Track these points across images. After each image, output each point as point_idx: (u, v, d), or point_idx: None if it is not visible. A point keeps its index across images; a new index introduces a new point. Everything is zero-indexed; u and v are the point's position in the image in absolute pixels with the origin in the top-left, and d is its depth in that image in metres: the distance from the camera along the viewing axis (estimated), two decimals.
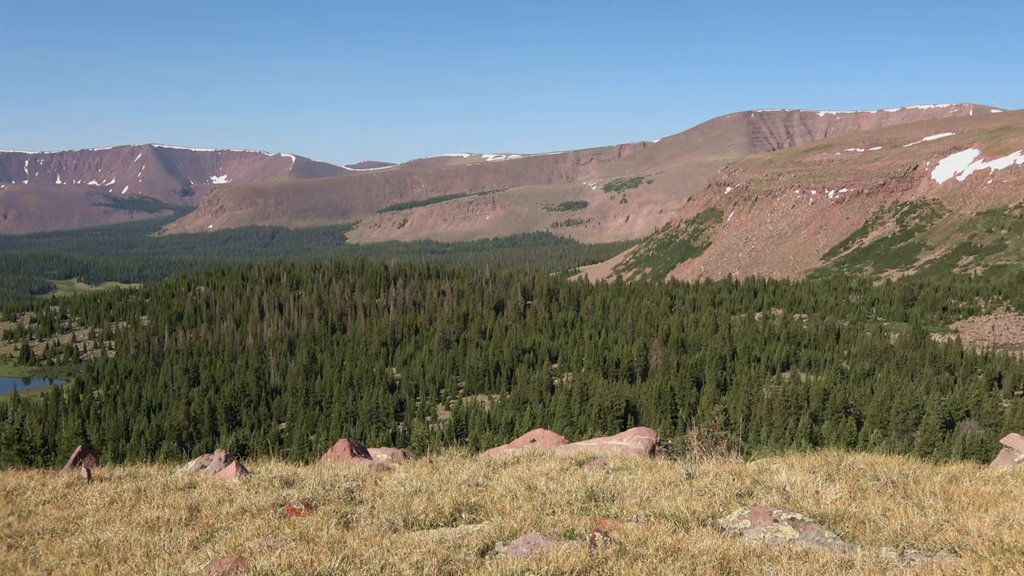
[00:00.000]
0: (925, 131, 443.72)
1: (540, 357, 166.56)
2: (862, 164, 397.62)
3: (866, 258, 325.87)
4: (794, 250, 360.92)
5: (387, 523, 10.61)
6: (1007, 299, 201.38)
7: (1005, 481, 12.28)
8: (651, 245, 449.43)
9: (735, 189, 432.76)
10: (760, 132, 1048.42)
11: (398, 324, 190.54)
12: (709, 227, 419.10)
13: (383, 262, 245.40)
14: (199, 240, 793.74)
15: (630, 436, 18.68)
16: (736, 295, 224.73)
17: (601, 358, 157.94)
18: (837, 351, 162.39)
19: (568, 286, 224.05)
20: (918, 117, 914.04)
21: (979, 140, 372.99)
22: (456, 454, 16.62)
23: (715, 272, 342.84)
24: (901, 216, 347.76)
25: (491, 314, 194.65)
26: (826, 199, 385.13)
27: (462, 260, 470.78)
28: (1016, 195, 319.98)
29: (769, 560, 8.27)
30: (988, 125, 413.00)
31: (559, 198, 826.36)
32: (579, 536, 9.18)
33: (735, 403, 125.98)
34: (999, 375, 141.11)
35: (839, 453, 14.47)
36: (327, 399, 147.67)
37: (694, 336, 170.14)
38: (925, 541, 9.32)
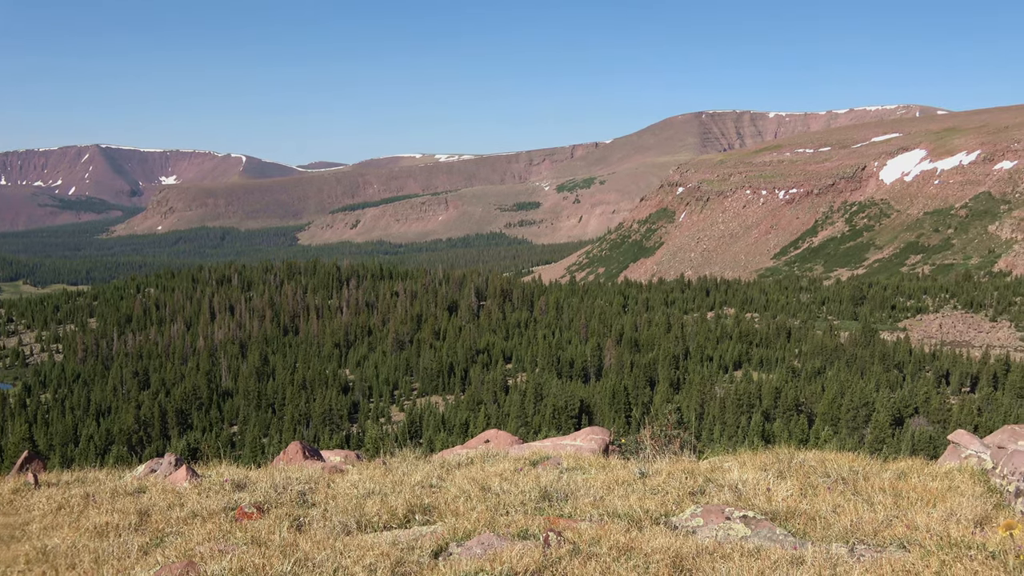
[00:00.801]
0: (873, 132, 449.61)
1: (494, 358, 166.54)
2: (812, 165, 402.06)
3: (816, 257, 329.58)
4: (745, 250, 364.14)
5: (340, 526, 10.54)
6: (954, 297, 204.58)
7: (952, 477, 12.46)
8: (604, 245, 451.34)
9: (687, 189, 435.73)
10: (711, 133, 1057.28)
11: (351, 325, 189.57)
12: (661, 227, 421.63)
13: (336, 263, 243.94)
14: (148, 242, 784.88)
15: (584, 436, 18.72)
16: (689, 295, 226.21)
17: (555, 358, 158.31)
18: (788, 350, 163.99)
19: (522, 286, 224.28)
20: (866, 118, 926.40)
21: (926, 141, 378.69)
22: (410, 455, 16.53)
23: (668, 272, 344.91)
24: (850, 216, 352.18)
25: (445, 315, 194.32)
26: (776, 199, 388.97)
27: (415, 261, 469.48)
28: (962, 195, 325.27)
29: (721, 558, 8.32)
30: (934, 126, 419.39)
31: (512, 198, 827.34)
32: (533, 536, 9.18)
33: (688, 402, 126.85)
34: (947, 372, 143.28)
35: (790, 451, 14.60)
36: (280, 401, 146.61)
37: (647, 336, 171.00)
38: (874, 537, 9.43)
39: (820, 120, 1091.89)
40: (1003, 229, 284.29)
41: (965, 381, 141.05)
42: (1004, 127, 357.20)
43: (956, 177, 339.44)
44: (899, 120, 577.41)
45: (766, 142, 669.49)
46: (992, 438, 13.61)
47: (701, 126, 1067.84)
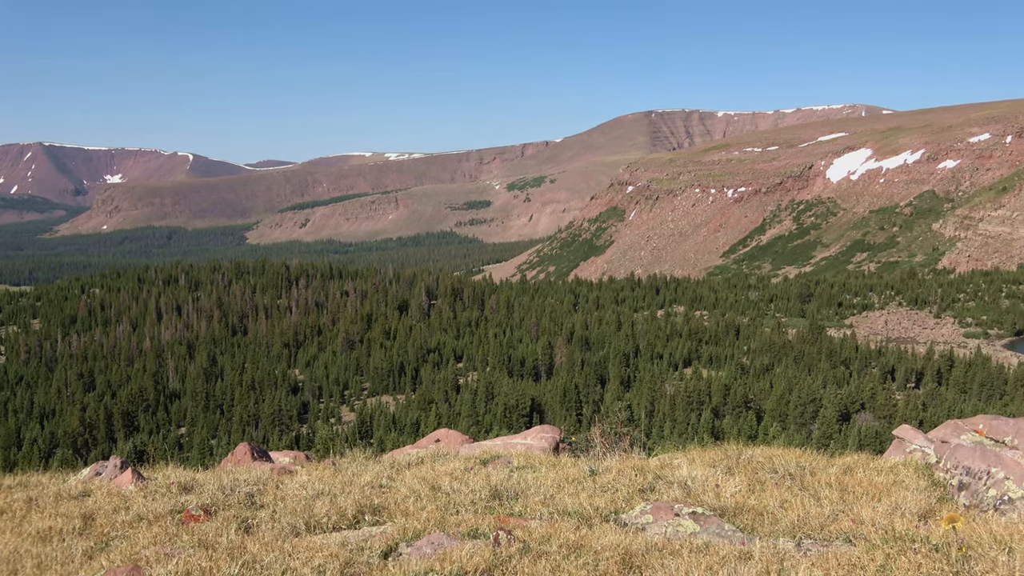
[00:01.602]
0: (820, 131, 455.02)
1: (445, 357, 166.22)
2: (760, 164, 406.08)
3: (764, 255, 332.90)
4: (695, 248, 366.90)
5: (289, 527, 10.45)
6: (899, 294, 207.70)
7: (897, 471, 12.62)
8: (555, 244, 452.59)
9: (637, 188, 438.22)
10: (661, 132, 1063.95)
11: (300, 325, 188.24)
12: (612, 226, 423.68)
13: (284, 262, 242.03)
14: (93, 241, 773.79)
15: (534, 434, 18.74)
16: (639, 293, 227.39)
17: (506, 357, 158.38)
18: (737, 347, 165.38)
19: (472, 285, 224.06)
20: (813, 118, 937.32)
21: (871, 140, 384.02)
22: (360, 456, 16.47)
23: (618, 270, 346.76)
24: (798, 214, 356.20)
25: (395, 314, 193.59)
26: (725, 198, 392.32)
27: (365, 260, 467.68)
28: (906, 193, 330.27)
29: (670, 554, 8.36)
30: (879, 126, 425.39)
31: (463, 197, 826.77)
32: (483, 535, 9.17)
33: (639, 399, 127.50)
34: (892, 368, 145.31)
35: (739, 447, 14.72)
36: (228, 402, 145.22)
37: (598, 334, 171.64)
38: (821, 531, 9.53)
39: (768, 119, 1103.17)
40: (947, 227, 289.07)
41: (910, 377, 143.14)
42: (947, 127, 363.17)
43: (901, 176, 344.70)
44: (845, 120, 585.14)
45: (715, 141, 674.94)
46: (936, 433, 13.82)
47: (650, 125, 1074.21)
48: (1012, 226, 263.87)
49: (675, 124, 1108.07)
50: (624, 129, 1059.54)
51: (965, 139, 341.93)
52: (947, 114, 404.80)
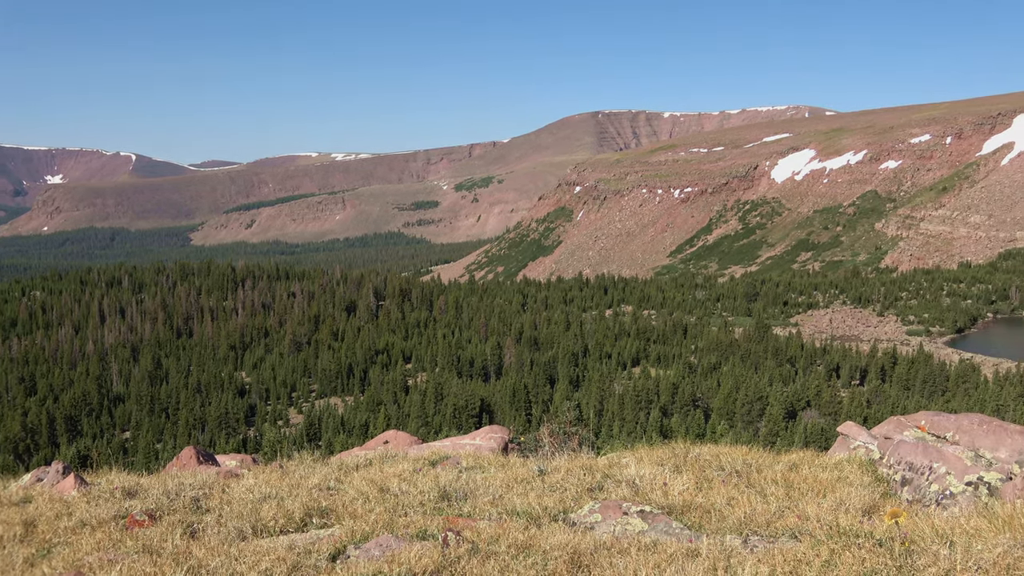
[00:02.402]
0: (764, 132, 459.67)
1: (394, 358, 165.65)
2: (706, 164, 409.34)
3: (711, 255, 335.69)
4: (642, 248, 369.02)
5: (235, 531, 10.35)
6: (843, 293, 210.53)
7: (842, 468, 12.78)
8: (503, 244, 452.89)
9: (584, 188, 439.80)
10: (608, 132, 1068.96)
11: (247, 327, 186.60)
12: (560, 226, 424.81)
13: (230, 264, 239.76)
14: (33, 243, 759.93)
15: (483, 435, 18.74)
16: (587, 292, 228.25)
17: (455, 357, 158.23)
18: (685, 346, 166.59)
19: (421, 286, 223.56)
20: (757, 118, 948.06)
21: (815, 141, 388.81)
22: (307, 458, 16.34)
23: (566, 270, 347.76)
24: (743, 214, 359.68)
25: (343, 315, 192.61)
26: (672, 198, 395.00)
27: (312, 261, 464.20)
28: (850, 193, 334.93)
29: (619, 552, 8.39)
30: (823, 126, 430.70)
31: (410, 197, 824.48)
32: (432, 536, 9.13)
33: (588, 399, 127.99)
34: (837, 366, 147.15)
35: (686, 445, 14.82)
36: (174, 406, 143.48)
37: (547, 334, 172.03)
38: (767, 528, 9.61)
39: (714, 120, 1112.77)
40: (889, 226, 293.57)
41: (854, 374, 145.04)
42: (889, 127, 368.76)
43: (844, 176, 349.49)
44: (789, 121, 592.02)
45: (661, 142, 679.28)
46: (879, 429, 14.00)
47: (598, 125, 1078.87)
48: (952, 225, 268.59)
49: (622, 125, 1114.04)
50: (571, 129, 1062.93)
51: (906, 140, 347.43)
52: (888, 115, 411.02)
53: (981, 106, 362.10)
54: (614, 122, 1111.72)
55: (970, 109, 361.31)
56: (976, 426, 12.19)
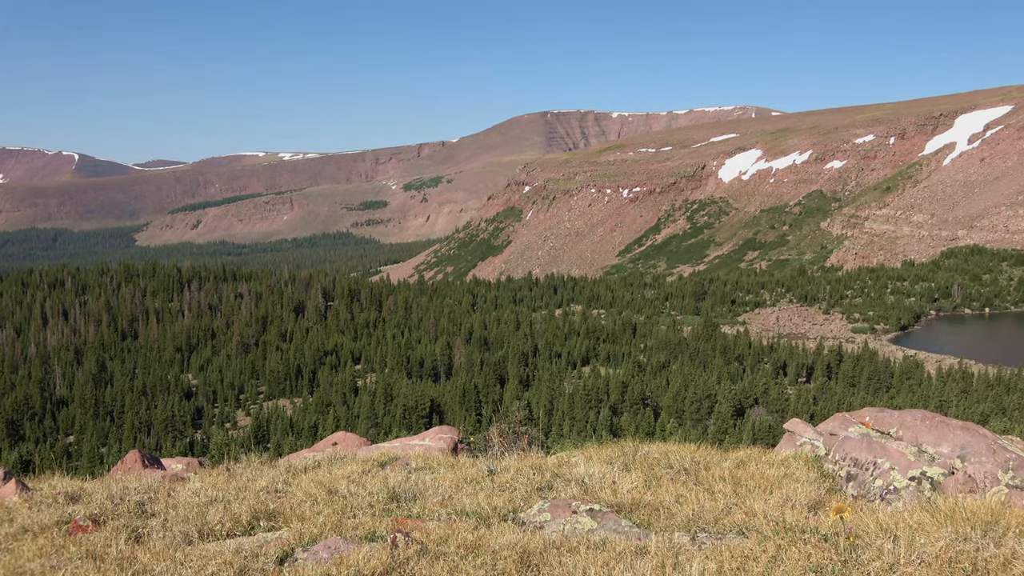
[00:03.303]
0: (712, 132, 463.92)
1: (343, 359, 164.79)
2: (654, 164, 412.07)
3: (659, 254, 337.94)
4: (591, 247, 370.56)
5: (181, 535, 10.22)
6: (789, 291, 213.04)
7: (788, 464, 12.91)
8: (452, 244, 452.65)
9: (533, 188, 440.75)
10: (556, 132, 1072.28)
11: (193, 329, 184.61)
12: (509, 226, 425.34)
13: (176, 265, 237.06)
14: None
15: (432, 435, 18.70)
16: (537, 292, 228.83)
17: (405, 358, 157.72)
18: (634, 345, 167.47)
19: (370, 286, 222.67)
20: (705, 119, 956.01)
21: (761, 141, 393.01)
22: (255, 461, 16.19)
23: (516, 270, 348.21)
24: (691, 214, 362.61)
25: (291, 316, 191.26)
26: (621, 198, 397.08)
27: (260, 261, 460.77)
28: (796, 193, 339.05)
29: (568, 551, 8.40)
30: (769, 127, 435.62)
31: (359, 197, 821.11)
32: (380, 538, 9.08)
33: (538, 398, 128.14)
34: (784, 364, 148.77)
35: (635, 444, 14.88)
36: (119, 409, 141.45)
37: (496, 334, 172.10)
38: (715, 524, 9.69)
39: (662, 120, 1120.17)
40: (834, 226, 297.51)
41: (801, 371, 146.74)
42: (834, 128, 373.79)
43: (790, 176, 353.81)
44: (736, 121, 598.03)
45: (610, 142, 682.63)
46: (825, 425, 14.16)
47: (546, 125, 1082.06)
48: (896, 224, 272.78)
49: (571, 125, 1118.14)
50: (520, 129, 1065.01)
51: (851, 140, 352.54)
52: (833, 116, 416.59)
53: (924, 107, 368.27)
54: (563, 122, 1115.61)
55: (913, 110, 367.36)
56: (919, 422, 12.37)
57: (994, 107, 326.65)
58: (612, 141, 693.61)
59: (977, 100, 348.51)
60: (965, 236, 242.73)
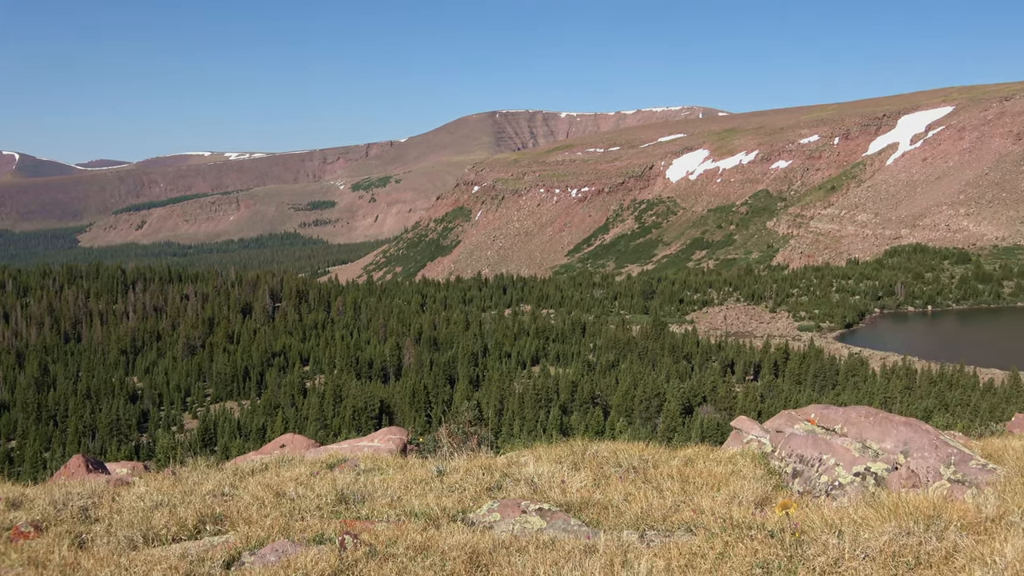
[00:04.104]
0: (659, 132, 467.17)
1: (291, 360, 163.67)
2: (602, 164, 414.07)
3: (608, 254, 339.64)
4: (540, 247, 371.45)
5: (126, 540, 10.08)
6: (736, 290, 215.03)
7: (735, 461, 13.02)
8: (401, 244, 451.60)
9: (482, 188, 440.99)
10: (505, 132, 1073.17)
11: (138, 331, 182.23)
12: (458, 226, 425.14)
13: (120, 266, 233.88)
14: None
15: (381, 436, 18.62)
16: (486, 292, 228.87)
17: (354, 359, 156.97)
18: (583, 344, 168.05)
19: (318, 287, 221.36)
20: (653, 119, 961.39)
21: (708, 141, 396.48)
22: (201, 464, 15.99)
23: (465, 270, 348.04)
24: (640, 214, 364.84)
25: (238, 317, 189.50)
26: (570, 198, 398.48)
27: (206, 262, 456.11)
28: (742, 193, 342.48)
29: (517, 551, 8.41)
30: (716, 127, 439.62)
31: (306, 197, 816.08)
32: (329, 540, 9.03)
33: (488, 398, 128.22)
34: (732, 362, 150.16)
35: (584, 443, 14.92)
36: (62, 413, 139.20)
37: (446, 334, 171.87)
38: (664, 522, 9.74)
39: (610, 121, 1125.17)
40: (780, 225, 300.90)
41: (749, 369, 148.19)
42: (779, 128, 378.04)
43: (737, 176, 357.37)
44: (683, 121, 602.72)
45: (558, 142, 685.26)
46: (771, 423, 14.30)
47: (495, 125, 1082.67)
48: (840, 224, 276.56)
49: (519, 125, 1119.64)
50: (469, 129, 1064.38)
51: (796, 140, 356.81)
52: (779, 116, 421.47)
53: (867, 108, 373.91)
54: (511, 122, 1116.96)
55: (857, 111, 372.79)
56: (863, 418, 12.54)
57: (936, 108, 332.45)
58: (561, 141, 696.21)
59: (919, 101, 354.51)
60: (908, 235, 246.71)
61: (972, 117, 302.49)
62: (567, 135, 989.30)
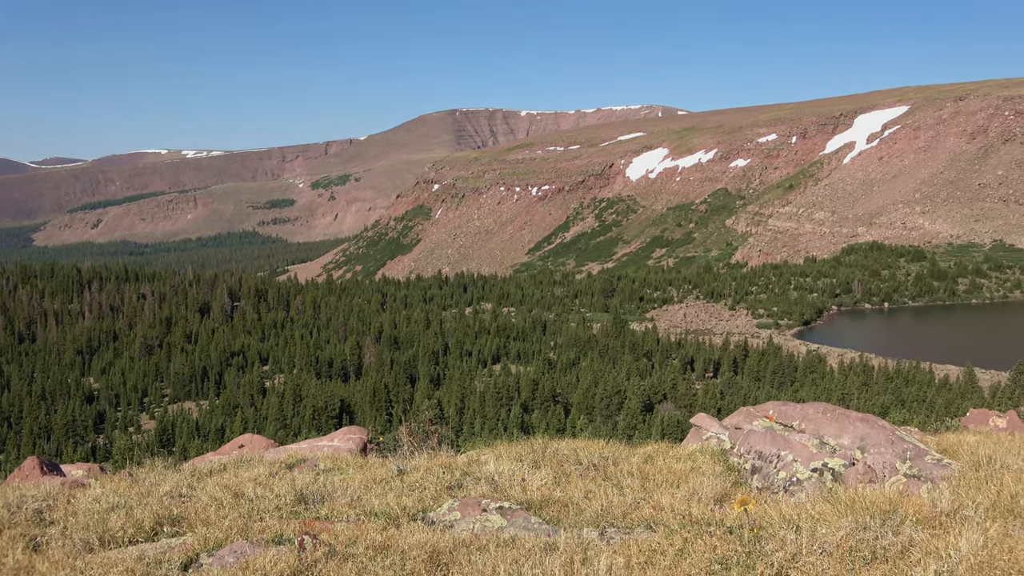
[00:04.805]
0: (619, 131, 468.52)
1: (250, 359, 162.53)
2: (562, 162, 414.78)
3: (569, 252, 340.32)
4: (501, 246, 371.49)
5: (81, 543, 9.96)
6: (696, 288, 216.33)
7: (695, 458, 13.09)
8: (361, 243, 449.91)
9: (442, 187, 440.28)
10: (465, 130, 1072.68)
11: (95, 331, 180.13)
12: (418, 224, 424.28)
13: (76, 265, 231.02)
14: None
15: (341, 436, 18.52)
16: (446, 291, 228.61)
17: (314, 358, 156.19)
18: (544, 342, 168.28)
19: (277, 286, 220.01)
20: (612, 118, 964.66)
21: (668, 140, 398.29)
22: (159, 465, 15.84)
23: (425, 268, 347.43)
24: (600, 212, 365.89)
25: (196, 317, 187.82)
26: (530, 196, 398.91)
27: (163, 261, 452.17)
28: (701, 191, 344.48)
29: (478, 549, 8.40)
30: (675, 126, 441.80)
31: (265, 196, 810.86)
32: (288, 541, 8.97)
33: (449, 397, 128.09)
34: (692, 359, 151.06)
35: (544, 441, 14.93)
36: (16, 414, 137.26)
37: (407, 332, 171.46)
38: (624, 519, 9.77)
39: (570, 119, 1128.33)
40: (739, 223, 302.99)
41: (708, 367, 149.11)
42: (738, 127, 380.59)
43: (696, 174, 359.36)
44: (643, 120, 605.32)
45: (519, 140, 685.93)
46: (730, 419, 14.39)
47: (455, 124, 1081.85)
48: (798, 222, 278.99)
49: (479, 123, 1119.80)
50: (429, 127, 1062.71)
51: (754, 139, 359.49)
52: (737, 115, 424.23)
53: (825, 107, 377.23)
54: (472, 120, 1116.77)
55: (814, 110, 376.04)
56: (820, 414, 12.66)
57: (892, 107, 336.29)
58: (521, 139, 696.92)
59: (876, 100, 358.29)
60: (865, 233, 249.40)
61: (927, 117, 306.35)
62: (527, 133, 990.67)
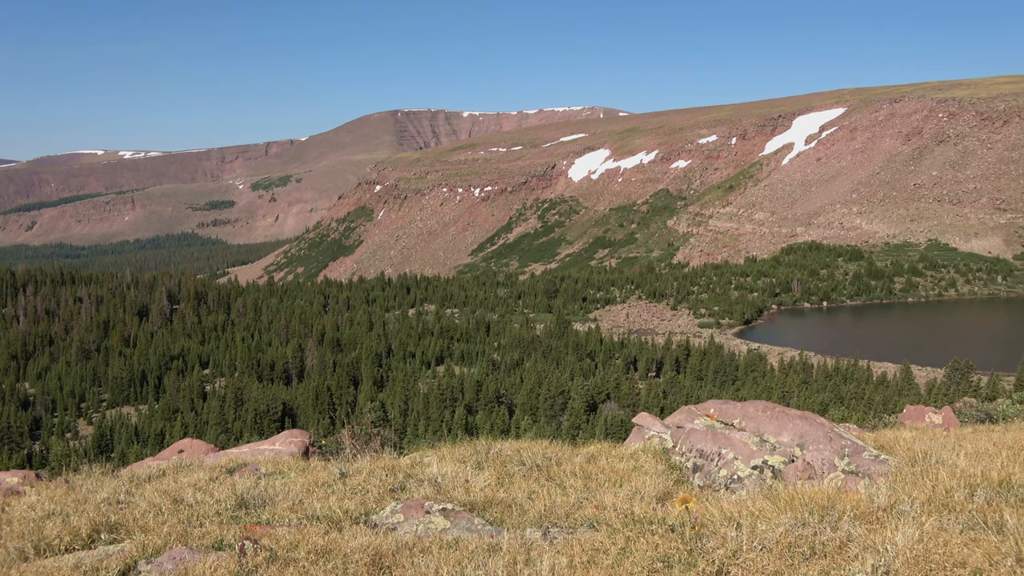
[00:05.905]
0: (561, 132, 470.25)
1: (190, 363, 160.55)
2: (505, 163, 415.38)
3: (512, 253, 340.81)
4: (444, 247, 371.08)
5: (16, 552, 9.76)
6: (639, 288, 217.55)
7: (637, 457, 13.18)
8: (302, 244, 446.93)
9: (385, 187, 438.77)
10: (407, 131, 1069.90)
11: (29, 335, 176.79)
12: (360, 225, 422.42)
13: (9, 268, 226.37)
14: None
15: (283, 439, 18.37)
16: (389, 292, 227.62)
17: (255, 361, 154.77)
18: (488, 343, 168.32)
19: (217, 288, 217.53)
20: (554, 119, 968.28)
21: (610, 141, 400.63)
22: (96, 471, 15.58)
23: (368, 270, 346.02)
24: (543, 213, 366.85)
25: (135, 320, 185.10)
26: (473, 197, 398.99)
27: (100, 264, 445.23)
28: (643, 192, 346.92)
29: (421, 552, 8.38)
30: (617, 127, 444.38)
31: (204, 197, 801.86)
32: (228, 546, 8.88)
33: (392, 399, 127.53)
34: (635, 359, 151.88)
35: (488, 442, 14.94)
36: None
37: (349, 335, 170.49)
38: (567, 519, 9.81)
39: (512, 120, 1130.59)
40: (680, 223, 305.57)
41: (651, 366, 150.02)
42: (679, 128, 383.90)
43: (638, 175, 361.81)
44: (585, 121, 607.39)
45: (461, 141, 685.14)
46: (672, 419, 14.50)
47: (397, 124, 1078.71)
48: (739, 222, 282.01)
49: (421, 124, 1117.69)
50: (371, 128, 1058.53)
51: (695, 140, 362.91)
52: (678, 117, 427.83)
53: (763, 108, 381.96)
54: (414, 121, 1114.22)
55: (754, 111, 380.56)
56: (761, 412, 12.80)
57: (829, 109, 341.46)
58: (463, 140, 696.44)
59: (813, 102, 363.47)
60: (804, 233, 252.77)
61: (863, 118, 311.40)
62: (470, 134, 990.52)
